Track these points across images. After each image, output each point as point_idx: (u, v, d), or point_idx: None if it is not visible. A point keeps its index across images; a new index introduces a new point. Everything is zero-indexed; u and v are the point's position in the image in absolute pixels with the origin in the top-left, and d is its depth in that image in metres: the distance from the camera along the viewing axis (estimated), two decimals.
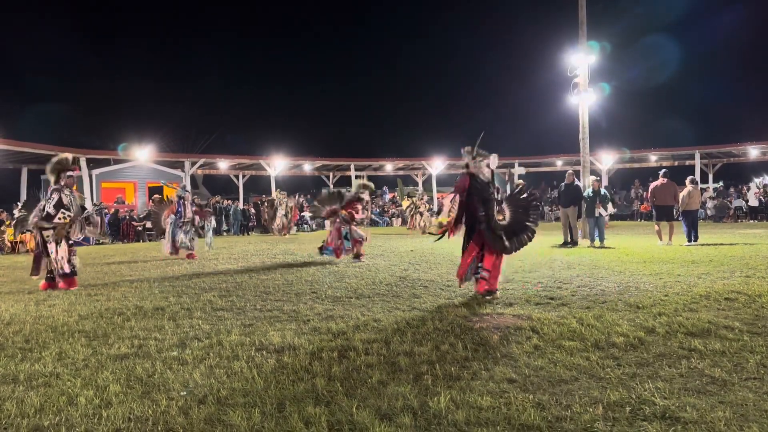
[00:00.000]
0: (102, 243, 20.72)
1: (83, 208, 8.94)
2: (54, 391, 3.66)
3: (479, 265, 6.79)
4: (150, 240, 21.34)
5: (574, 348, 4.32)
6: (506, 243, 6.71)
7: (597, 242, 13.56)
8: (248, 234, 26.79)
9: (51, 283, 8.38)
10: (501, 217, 6.92)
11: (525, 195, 7.18)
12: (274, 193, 25.00)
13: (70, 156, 8.73)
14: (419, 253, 12.45)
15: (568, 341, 4.51)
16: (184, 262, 12.04)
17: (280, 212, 23.75)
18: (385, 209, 34.51)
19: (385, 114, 65.67)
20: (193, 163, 29.11)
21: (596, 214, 13.61)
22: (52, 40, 55.44)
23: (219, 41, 70.61)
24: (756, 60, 53.50)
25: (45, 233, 8.38)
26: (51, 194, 8.41)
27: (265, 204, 25.21)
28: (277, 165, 31.87)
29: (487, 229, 6.72)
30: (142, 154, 25.56)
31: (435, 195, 33.12)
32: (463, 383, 3.60)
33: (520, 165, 35.41)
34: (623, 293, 6.65)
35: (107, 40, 65.15)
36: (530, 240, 6.96)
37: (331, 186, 36.56)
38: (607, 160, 32.30)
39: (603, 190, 14.16)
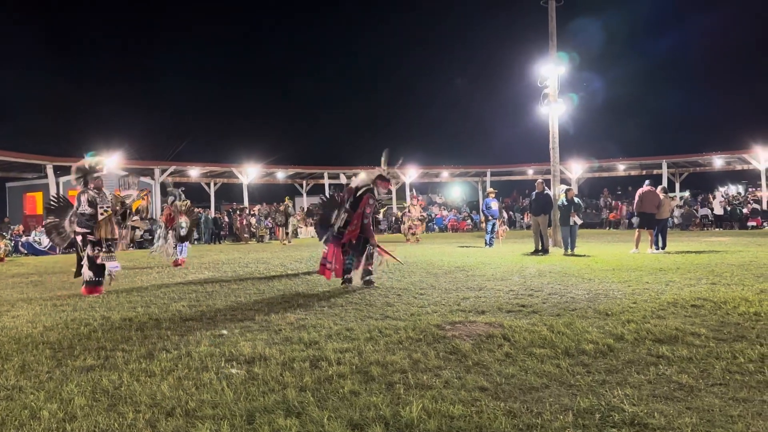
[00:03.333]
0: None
1: (122, 202, 9.03)
2: (16, 404, 3.55)
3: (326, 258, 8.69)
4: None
5: (544, 355, 4.36)
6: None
7: (568, 250, 13.71)
8: (220, 242, 26.52)
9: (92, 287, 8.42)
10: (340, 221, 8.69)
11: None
12: (287, 201, 24.93)
13: (94, 160, 8.88)
14: (393, 262, 12.42)
15: (539, 349, 4.54)
16: (152, 272, 11.85)
17: (293, 219, 23.89)
18: None
19: (357, 123, 65.79)
20: (163, 171, 28.72)
21: (570, 223, 13.74)
22: (14, 45, 54.34)
23: (188, 48, 70.14)
24: (722, 71, 55.02)
25: (78, 238, 8.52)
26: (79, 198, 8.54)
27: (278, 211, 25.04)
28: (250, 173, 31.64)
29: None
30: (111, 162, 25.13)
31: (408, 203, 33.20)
32: (435, 392, 3.59)
33: (492, 173, 35.78)
34: (593, 301, 6.73)
35: (72, 44, 64.11)
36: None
37: (304, 194, 36.48)
38: (577, 169, 32.82)
39: (576, 199, 14.30)
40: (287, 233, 23.65)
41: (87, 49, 65.15)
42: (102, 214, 8.48)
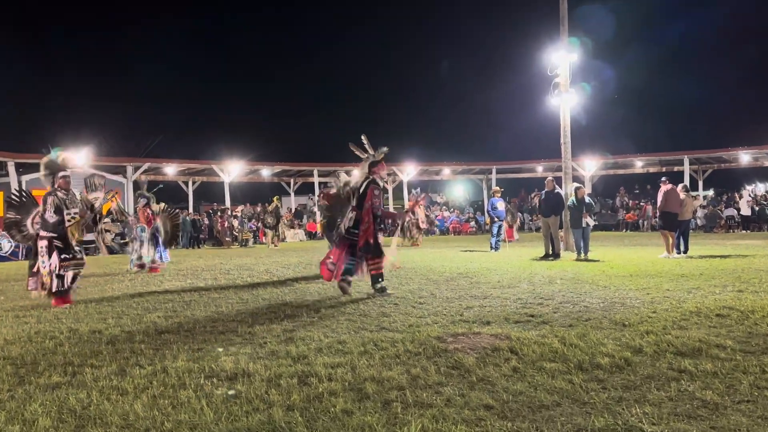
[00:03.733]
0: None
1: (91, 206, 9.08)
2: None
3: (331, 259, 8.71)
4: (87, 254, 20.91)
5: (555, 370, 4.36)
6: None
7: (581, 254, 13.70)
8: (199, 247, 26.48)
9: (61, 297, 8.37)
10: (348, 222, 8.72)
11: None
12: (276, 201, 25.04)
13: (58, 157, 8.75)
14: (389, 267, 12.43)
15: (549, 363, 4.54)
16: (125, 279, 11.83)
17: (284, 221, 23.99)
18: None
19: (352, 117, 65.72)
20: (136, 168, 28.69)
21: (583, 224, 13.71)
22: None
23: (168, 37, 69.91)
24: (748, 58, 55.20)
25: (40, 243, 8.42)
26: (45, 200, 8.44)
27: (266, 212, 25.13)
28: (232, 170, 31.62)
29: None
30: (79, 159, 25.04)
31: (406, 201, 33.27)
32: (436, 411, 3.59)
33: (498, 171, 35.84)
34: (608, 310, 6.74)
35: (38, 31, 63.90)
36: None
37: (292, 194, 36.46)
38: (590, 165, 32.88)
39: (588, 198, 14.25)
40: (276, 236, 23.67)
41: (54, 37, 65.05)
42: (69, 221, 8.43)
